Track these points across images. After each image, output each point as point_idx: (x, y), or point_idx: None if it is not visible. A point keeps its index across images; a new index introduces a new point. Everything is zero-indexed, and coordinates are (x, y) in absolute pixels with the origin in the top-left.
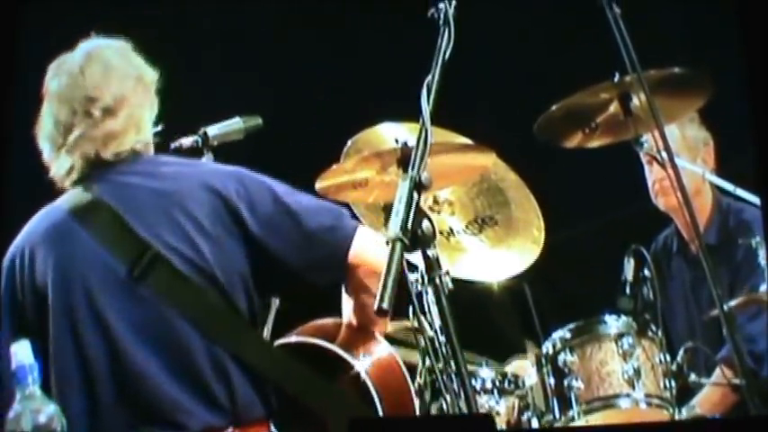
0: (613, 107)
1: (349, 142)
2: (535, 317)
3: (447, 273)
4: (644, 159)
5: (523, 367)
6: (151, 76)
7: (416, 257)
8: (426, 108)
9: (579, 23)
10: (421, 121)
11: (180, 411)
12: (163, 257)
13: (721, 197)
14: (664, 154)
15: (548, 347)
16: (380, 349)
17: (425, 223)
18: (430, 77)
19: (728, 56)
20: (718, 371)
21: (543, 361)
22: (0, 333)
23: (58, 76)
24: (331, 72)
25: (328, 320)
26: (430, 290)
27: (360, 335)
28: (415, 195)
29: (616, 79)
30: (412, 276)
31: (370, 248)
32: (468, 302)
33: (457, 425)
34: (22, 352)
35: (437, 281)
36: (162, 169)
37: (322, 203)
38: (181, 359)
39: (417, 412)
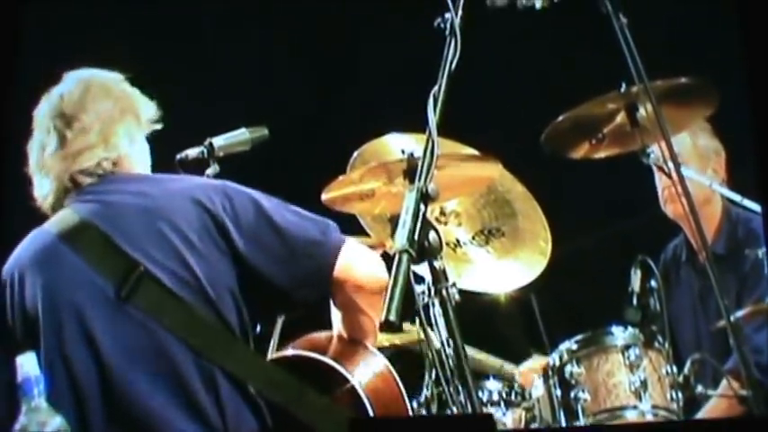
0: (620, 117)
1: (355, 153)
2: (542, 328)
3: (454, 284)
4: (654, 168)
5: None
6: (140, 102)
7: (423, 269)
8: (433, 119)
9: (586, 33)
10: (427, 131)
11: (170, 428)
12: (150, 275)
13: (731, 207)
14: (670, 164)
15: (554, 359)
16: (373, 361)
17: (432, 234)
18: (436, 88)
19: (734, 65)
20: (724, 382)
21: (550, 372)
22: None
23: (42, 104)
24: (337, 82)
25: (323, 333)
26: (437, 302)
27: (352, 347)
28: (422, 207)
29: (623, 89)
30: (419, 288)
31: (357, 262)
32: (475, 314)
33: (457, 425)
34: (28, 364)
35: (444, 292)
36: (147, 186)
37: (308, 217)
38: (170, 376)
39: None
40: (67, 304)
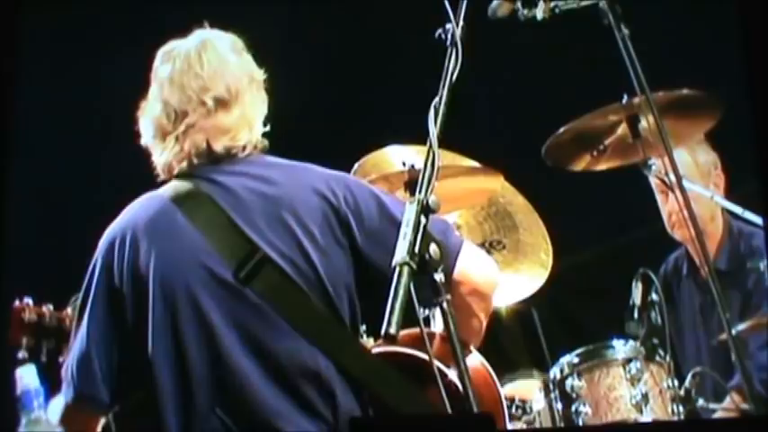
0: (622, 129)
1: (356, 165)
2: (543, 341)
3: None
4: (656, 190)
5: (528, 389)
6: (260, 74)
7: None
8: (434, 130)
9: (588, 44)
10: (428, 143)
11: (279, 419)
12: (272, 261)
13: (732, 221)
14: (672, 176)
15: (555, 372)
16: (473, 360)
17: (433, 247)
18: (437, 99)
19: (736, 76)
20: (728, 398)
21: (551, 386)
22: (90, 315)
23: (171, 60)
24: (337, 94)
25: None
26: (437, 314)
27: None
28: (423, 219)
29: (624, 101)
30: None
31: (475, 265)
32: None
33: (457, 424)
34: (27, 376)
35: (444, 305)
36: (269, 172)
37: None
38: (283, 366)
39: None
40: (182, 280)
